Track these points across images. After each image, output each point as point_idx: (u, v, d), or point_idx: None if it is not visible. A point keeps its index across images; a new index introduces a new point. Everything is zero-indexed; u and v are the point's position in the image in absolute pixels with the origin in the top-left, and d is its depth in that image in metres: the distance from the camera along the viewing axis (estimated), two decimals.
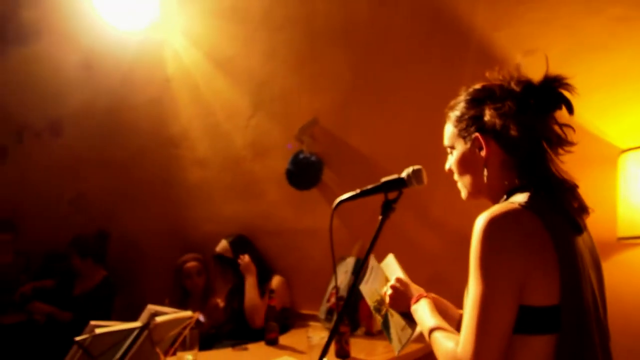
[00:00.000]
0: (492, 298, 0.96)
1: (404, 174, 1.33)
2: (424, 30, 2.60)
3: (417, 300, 1.31)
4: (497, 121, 1.09)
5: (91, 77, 3.98)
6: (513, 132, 1.07)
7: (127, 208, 3.78)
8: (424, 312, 1.26)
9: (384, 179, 1.35)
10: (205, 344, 2.71)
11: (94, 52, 3.91)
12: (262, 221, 3.12)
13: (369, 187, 1.37)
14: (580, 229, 1.06)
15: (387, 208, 1.34)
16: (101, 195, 3.91)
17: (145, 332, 1.59)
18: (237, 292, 2.88)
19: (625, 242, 1.93)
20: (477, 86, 1.18)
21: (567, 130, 1.10)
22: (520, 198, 1.03)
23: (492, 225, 0.97)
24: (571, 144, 1.10)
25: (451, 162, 1.22)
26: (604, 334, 1.04)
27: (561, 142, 1.10)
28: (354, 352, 2.20)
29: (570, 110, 1.09)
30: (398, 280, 1.38)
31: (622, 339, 1.92)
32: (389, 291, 1.38)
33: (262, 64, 3.19)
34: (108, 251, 3.47)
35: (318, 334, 2.10)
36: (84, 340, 1.50)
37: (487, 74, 1.18)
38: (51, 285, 3.35)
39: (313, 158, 2.90)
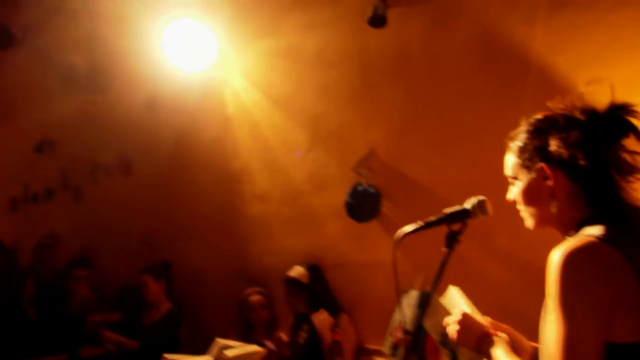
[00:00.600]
0: (577, 337, 0.92)
1: (468, 205, 1.32)
2: (480, 58, 2.59)
3: (487, 339, 1.26)
4: (564, 151, 1.08)
5: (157, 117, 4.22)
6: (581, 162, 1.05)
7: (191, 242, 3.91)
8: (498, 354, 1.21)
9: (447, 210, 1.35)
10: None
11: (159, 94, 4.15)
12: (321, 254, 3.13)
13: (432, 219, 1.37)
14: None
15: (452, 240, 1.33)
16: (168, 230, 4.07)
17: None
18: (301, 325, 2.88)
19: None
20: (539, 116, 1.17)
21: (638, 158, 1.07)
22: (595, 230, 1.00)
23: (571, 260, 0.94)
24: None
25: (515, 192, 1.21)
26: None
27: (631, 169, 1.07)
28: None
29: (639, 137, 1.06)
30: (464, 315, 1.35)
31: None
32: (456, 327, 1.35)
33: (317, 99, 3.26)
34: (173, 283, 3.59)
35: None
36: None
37: (548, 103, 1.17)
38: (117, 320, 3.48)
39: (371, 190, 2.91)
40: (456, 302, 1.47)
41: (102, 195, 4.67)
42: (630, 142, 1.08)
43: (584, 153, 1.05)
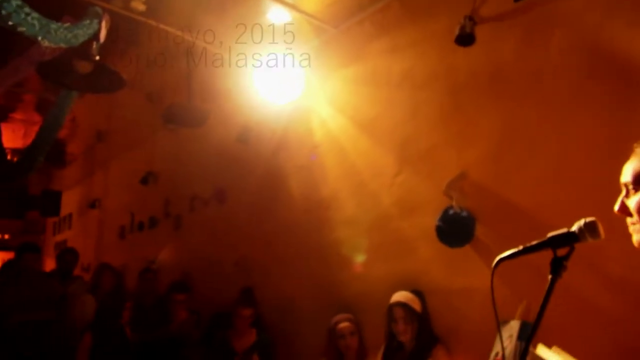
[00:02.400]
0: None
1: (575, 228, 1.20)
2: (581, 69, 2.41)
3: None
4: None
5: (248, 149, 4.40)
6: None
7: (282, 269, 3.98)
8: None
9: (551, 234, 1.24)
10: None
11: (250, 127, 4.34)
12: (413, 280, 3.02)
13: (534, 243, 1.27)
14: None
15: (558, 266, 1.22)
16: (259, 257, 4.18)
17: None
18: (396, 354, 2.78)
19: None
20: None
21: None
22: None
23: None
24: None
25: (632, 202, 1.07)
26: None
27: None
28: None
29: None
30: None
31: None
32: None
33: (405, 122, 3.22)
34: (262, 310, 3.67)
35: None
36: None
37: None
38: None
39: (464, 213, 2.78)
40: None
41: (199, 223, 4.93)
42: None
43: None
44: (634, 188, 1.08)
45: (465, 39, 2.82)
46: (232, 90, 4.35)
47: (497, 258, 1.31)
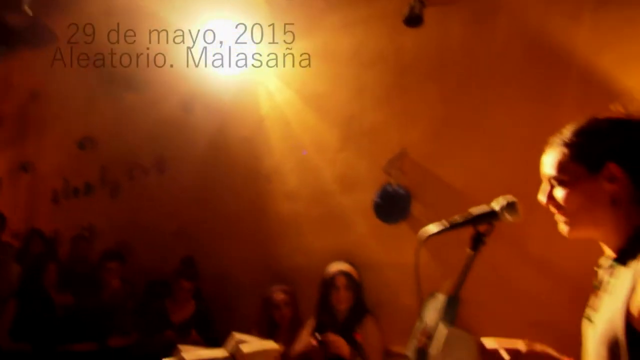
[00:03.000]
0: None
1: (496, 206, 1.26)
2: (521, 57, 2.50)
3: None
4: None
5: (192, 118, 4.29)
6: None
7: (222, 240, 3.95)
8: None
9: (473, 211, 1.29)
10: None
11: (194, 96, 4.22)
12: (349, 254, 3.09)
13: (458, 219, 1.32)
14: None
15: (478, 242, 1.27)
16: (199, 227, 4.13)
17: None
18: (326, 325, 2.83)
19: None
20: (612, 115, 1.12)
21: None
22: None
23: None
24: None
25: (559, 193, 1.13)
26: None
27: None
28: None
29: None
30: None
31: None
32: None
33: (351, 99, 3.23)
34: (201, 279, 3.63)
35: None
36: None
37: (619, 106, 1.12)
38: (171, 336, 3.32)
39: (401, 191, 2.85)
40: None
41: (138, 192, 4.79)
42: None
43: None
44: (557, 179, 1.13)
45: (413, 20, 2.84)
46: (177, 59, 4.20)
47: (424, 234, 1.35)
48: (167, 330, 3.29)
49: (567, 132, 1.14)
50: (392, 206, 2.87)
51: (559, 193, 1.12)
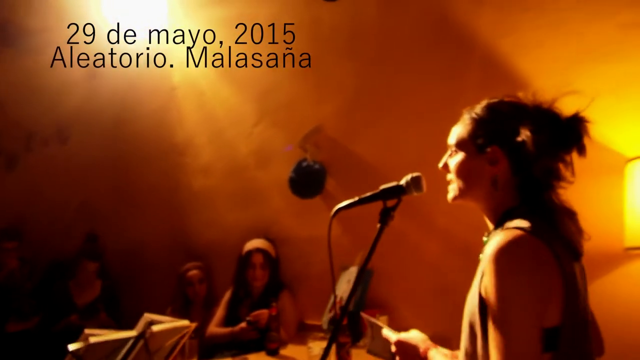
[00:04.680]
0: (520, 326, 0.95)
1: (402, 182, 1.31)
2: (429, 38, 2.59)
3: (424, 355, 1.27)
4: (530, 143, 1.07)
5: (97, 86, 4.01)
6: (532, 158, 1.07)
7: (130, 215, 3.78)
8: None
9: (382, 187, 1.33)
10: (206, 354, 2.69)
11: (100, 62, 3.93)
12: (265, 229, 3.09)
13: (367, 194, 1.35)
14: (578, 255, 1.08)
15: (386, 216, 1.32)
16: (105, 202, 3.92)
17: (141, 342, 1.57)
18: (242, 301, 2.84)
19: (633, 252, 1.88)
20: (506, 100, 1.17)
21: (569, 169, 1.11)
22: (523, 223, 1.01)
23: (510, 253, 0.97)
24: (570, 182, 1.12)
25: (452, 162, 1.20)
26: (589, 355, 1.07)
27: (561, 177, 1.11)
28: None
29: (583, 153, 1.09)
30: (397, 343, 1.34)
31: (631, 351, 1.87)
32: (393, 348, 1.35)
33: (267, 72, 3.18)
34: (107, 257, 3.47)
35: (319, 345, 2.06)
36: (79, 349, 1.48)
37: (520, 94, 1.17)
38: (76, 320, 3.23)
39: (316, 166, 2.88)
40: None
41: (37, 163, 4.43)
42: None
43: (539, 151, 1.06)
44: (455, 150, 1.20)
45: None
46: (81, 19, 3.87)
47: (335, 208, 1.38)
48: (71, 314, 3.12)
49: (476, 108, 1.19)
50: (307, 181, 2.89)
51: (451, 162, 1.20)
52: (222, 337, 2.75)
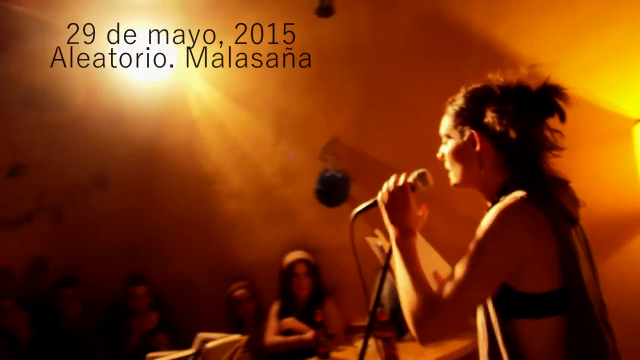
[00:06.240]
0: (491, 267, 1.05)
1: (410, 179, 1.41)
2: (424, 36, 2.69)
3: (411, 229, 1.35)
4: (496, 122, 1.15)
5: (124, 130, 4.23)
6: (508, 134, 1.13)
7: (173, 248, 3.97)
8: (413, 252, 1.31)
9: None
10: None
11: (123, 108, 4.16)
12: (300, 242, 3.22)
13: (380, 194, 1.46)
14: (573, 221, 1.13)
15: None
16: (148, 239, 4.12)
17: (199, 358, 1.71)
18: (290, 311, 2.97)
19: None
20: (479, 85, 1.25)
21: (557, 136, 1.17)
22: (519, 193, 1.09)
23: (507, 213, 1.05)
24: (560, 148, 1.17)
25: (445, 151, 1.30)
26: (603, 309, 1.13)
27: (551, 146, 1.17)
28: (402, 356, 2.25)
29: (563, 118, 1.14)
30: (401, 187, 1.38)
31: None
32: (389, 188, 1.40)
33: (278, 94, 3.33)
34: (159, 291, 3.66)
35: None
36: None
37: (489, 75, 1.24)
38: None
39: (339, 175, 3.00)
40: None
41: (81, 213, 4.68)
42: (554, 121, 1.17)
43: (512, 126, 1.13)
44: (446, 140, 1.30)
45: (324, 11, 2.94)
46: (100, 71, 4.12)
47: (353, 212, 1.49)
48: (131, 337, 3.30)
49: (456, 97, 1.28)
50: (332, 190, 3.02)
51: (444, 150, 1.30)
52: (286, 345, 2.84)
